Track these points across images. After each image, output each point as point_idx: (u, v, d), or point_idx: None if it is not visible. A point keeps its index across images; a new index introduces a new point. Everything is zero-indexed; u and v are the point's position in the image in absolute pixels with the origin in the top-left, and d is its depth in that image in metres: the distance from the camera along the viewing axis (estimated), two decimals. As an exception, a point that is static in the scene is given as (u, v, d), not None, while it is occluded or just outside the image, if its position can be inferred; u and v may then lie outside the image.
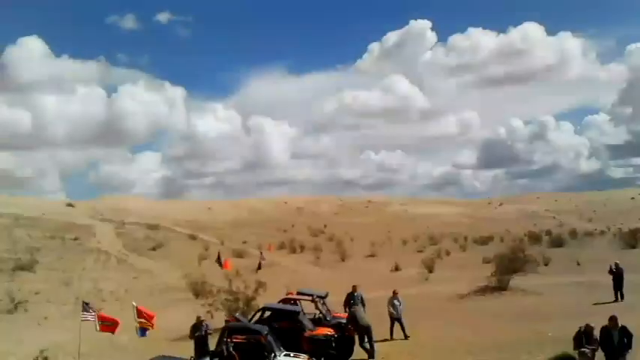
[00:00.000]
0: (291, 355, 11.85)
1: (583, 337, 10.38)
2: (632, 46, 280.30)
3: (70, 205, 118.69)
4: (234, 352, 11.48)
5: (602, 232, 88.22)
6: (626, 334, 10.29)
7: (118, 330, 14.32)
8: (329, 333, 14.13)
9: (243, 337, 12.47)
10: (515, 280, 26.64)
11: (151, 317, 13.52)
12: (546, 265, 39.20)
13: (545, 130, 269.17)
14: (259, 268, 24.60)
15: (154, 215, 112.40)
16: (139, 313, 13.17)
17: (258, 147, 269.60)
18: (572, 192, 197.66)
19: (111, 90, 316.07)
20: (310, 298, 16.62)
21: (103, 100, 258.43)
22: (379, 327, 16.62)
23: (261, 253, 28.39)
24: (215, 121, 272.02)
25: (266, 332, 11.82)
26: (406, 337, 16.80)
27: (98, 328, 13.25)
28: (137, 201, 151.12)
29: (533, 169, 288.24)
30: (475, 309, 22.62)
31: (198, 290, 26.82)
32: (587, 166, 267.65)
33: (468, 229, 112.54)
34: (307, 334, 13.81)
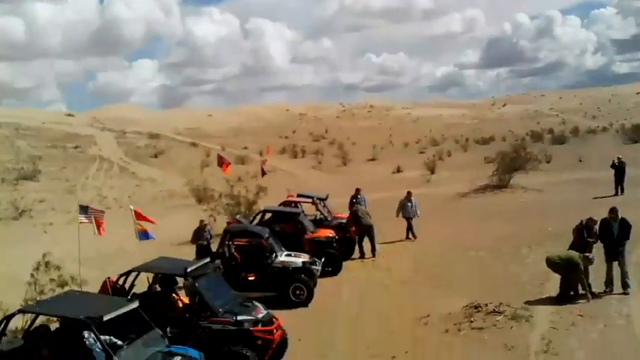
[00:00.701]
0: (292, 254, 12.01)
1: (584, 230, 10.36)
2: None
3: (69, 115, 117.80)
4: (235, 254, 11.61)
5: (605, 129, 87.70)
6: (625, 225, 10.28)
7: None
8: (330, 234, 14.29)
9: (245, 239, 12.58)
10: (516, 179, 26.67)
11: (152, 222, 13.45)
12: (548, 162, 39.07)
13: (552, 24, 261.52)
14: (264, 173, 24.54)
15: (155, 124, 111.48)
16: (138, 216, 13.04)
17: (257, 51, 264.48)
18: (577, 89, 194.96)
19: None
20: (310, 200, 16.68)
21: (95, 6, 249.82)
22: (381, 226, 16.79)
23: (261, 156, 27.94)
24: (212, 25, 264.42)
25: (267, 234, 11.89)
26: (414, 236, 16.88)
27: (96, 231, 13.18)
28: (137, 110, 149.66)
29: (538, 67, 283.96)
30: (476, 207, 22.80)
31: (201, 196, 26.96)
32: (592, 61, 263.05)
33: (471, 130, 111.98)
34: (308, 235, 13.95)
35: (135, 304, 6.69)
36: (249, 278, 11.30)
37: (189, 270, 7.84)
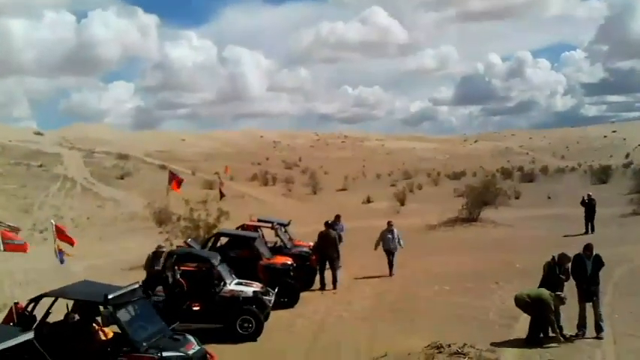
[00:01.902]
0: (243, 282, 11.03)
1: (556, 266, 9.66)
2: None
3: (38, 133, 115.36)
4: (181, 280, 10.60)
5: (573, 169, 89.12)
6: (598, 263, 9.63)
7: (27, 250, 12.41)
8: (287, 262, 13.31)
9: (192, 264, 11.59)
10: (486, 213, 26.28)
11: (72, 242, 12.08)
12: (517, 198, 39.10)
13: (523, 66, 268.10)
14: (222, 195, 23.28)
15: (126, 145, 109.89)
16: (59, 234, 11.63)
17: (233, 78, 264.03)
18: (547, 129, 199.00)
19: (80, 16, 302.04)
20: (270, 225, 15.77)
21: (72, 25, 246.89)
22: (347, 257, 16.03)
23: (219, 177, 26.56)
24: (189, 50, 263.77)
25: (217, 260, 10.92)
26: (390, 272, 15.48)
27: (2, 247, 11.47)
28: (108, 131, 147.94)
29: (509, 106, 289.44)
30: (444, 240, 22.20)
31: (162, 219, 25.80)
32: (562, 103, 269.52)
33: (443, 165, 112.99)
34: (263, 262, 12.98)
35: (29, 336, 5.69)
36: (194, 308, 10.27)
37: (110, 297, 6.80)
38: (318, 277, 14.52)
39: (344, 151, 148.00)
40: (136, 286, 7.57)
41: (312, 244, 15.35)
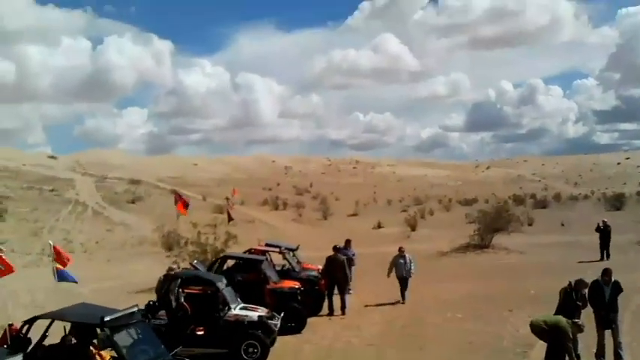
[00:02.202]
0: (249, 307, 10.75)
1: (573, 292, 9.28)
2: (624, 10, 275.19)
3: (52, 157, 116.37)
4: (185, 304, 10.34)
5: (587, 196, 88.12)
6: (617, 289, 9.26)
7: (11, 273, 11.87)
8: (294, 286, 13.03)
9: (197, 287, 11.34)
10: (498, 239, 25.87)
11: (64, 265, 11.76)
12: (530, 225, 38.52)
13: (535, 93, 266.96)
14: (230, 219, 23.00)
15: (138, 170, 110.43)
16: (57, 254, 11.39)
17: (245, 104, 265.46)
18: (559, 155, 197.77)
19: (96, 42, 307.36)
20: (278, 249, 15.52)
21: (88, 52, 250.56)
22: (357, 282, 15.90)
23: (227, 200, 26.22)
24: (203, 77, 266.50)
25: (222, 282, 10.67)
26: (402, 300, 15.06)
27: None
28: (121, 156, 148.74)
29: (520, 133, 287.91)
30: (456, 266, 21.82)
31: (170, 243, 25.63)
32: (574, 130, 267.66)
33: (454, 191, 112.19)
34: (270, 285, 12.72)
35: (17, 359, 5.46)
36: (198, 332, 10.01)
37: (107, 319, 6.57)
38: (326, 303, 14.22)
39: (355, 177, 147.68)
40: (135, 309, 7.33)
41: (320, 267, 15.08)
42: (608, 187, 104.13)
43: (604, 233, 21.40)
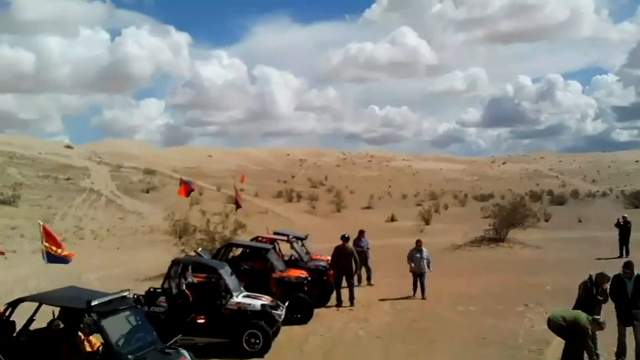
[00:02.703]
0: (252, 295, 10.36)
1: (593, 287, 8.76)
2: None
3: (68, 147, 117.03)
4: (186, 291, 9.99)
5: (605, 194, 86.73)
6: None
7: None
8: (302, 275, 12.62)
9: (199, 274, 10.99)
10: (514, 234, 25.24)
11: (58, 246, 11.49)
12: (547, 220, 37.81)
13: (553, 88, 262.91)
14: (238, 206, 22.45)
15: (154, 161, 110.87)
16: (47, 236, 11.09)
17: (262, 97, 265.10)
18: (577, 153, 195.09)
19: (114, 33, 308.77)
20: (286, 238, 15.13)
21: (106, 43, 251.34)
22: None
23: (235, 188, 25.48)
24: (220, 68, 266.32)
25: (225, 269, 10.29)
26: (423, 295, 14.22)
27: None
28: (138, 146, 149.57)
29: (538, 129, 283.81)
30: (470, 260, 21.27)
31: (181, 232, 25.35)
32: (592, 127, 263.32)
33: (470, 186, 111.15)
34: (276, 274, 12.32)
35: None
36: (199, 321, 9.64)
37: (94, 303, 6.19)
38: (334, 294, 13.82)
39: (370, 170, 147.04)
40: (126, 293, 6.95)
41: (330, 258, 14.66)
42: (627, 185, 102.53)
43: (624, 229, 20.71)
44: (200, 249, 13.86)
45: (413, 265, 14.40)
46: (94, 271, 19.72)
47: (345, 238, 14.00)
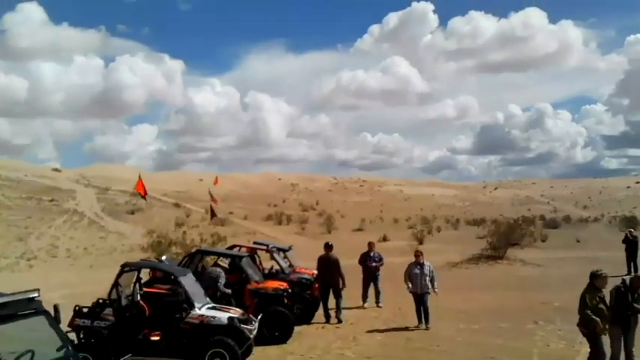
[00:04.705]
0: (217, 307, 8.82)
1: (628, 293, 7.38)
2: (632, 37, 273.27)
3: (56, 170, 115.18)
4: (141, 302, 8.43)
5: (597, 219, 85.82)
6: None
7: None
8: (281, 287, 11.06)
9: (166, 286, 9.47)
10: (512, 252, 23.95)
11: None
12: (543, 241, 36.53)
13: (543, 117, 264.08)
14: (213, 215, 20.69)
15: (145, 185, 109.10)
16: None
17: (254, 124, 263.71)
18: (567, 179, 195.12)
19: (109, 60, 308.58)
20: (265, 247, 13.63)
21: (100, 70, 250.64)
22: (354, 292, 13.93)
23: (210, 195, 23.40)
24: (213, 96, 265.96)
25: (185, 276, 8.78)
26: (426, 325, 11.41)
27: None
28: (128, 171, 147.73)
29: (528, 157, 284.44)
30: (468, 277, 19.92)
31: (155, 245, 23.85)
32: (582, 155, 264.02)
33: (462, 212, 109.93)
34: (251, 285, 10.79)
35: None
36: (152, 338, 8.09)
37: None
38: (321, 311, 12.33)
39: (362, 195, 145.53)
40: (32, 294, 5.49)
41: (315, 272, 13.17)
42: (618, 211, 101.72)
43: (632, 244, 19.41)
44: (164, 256, 12.36)
45: (411, 285, 11.66)
46: (58, 290, 18.14)
47: (328, 246, 12.59)
